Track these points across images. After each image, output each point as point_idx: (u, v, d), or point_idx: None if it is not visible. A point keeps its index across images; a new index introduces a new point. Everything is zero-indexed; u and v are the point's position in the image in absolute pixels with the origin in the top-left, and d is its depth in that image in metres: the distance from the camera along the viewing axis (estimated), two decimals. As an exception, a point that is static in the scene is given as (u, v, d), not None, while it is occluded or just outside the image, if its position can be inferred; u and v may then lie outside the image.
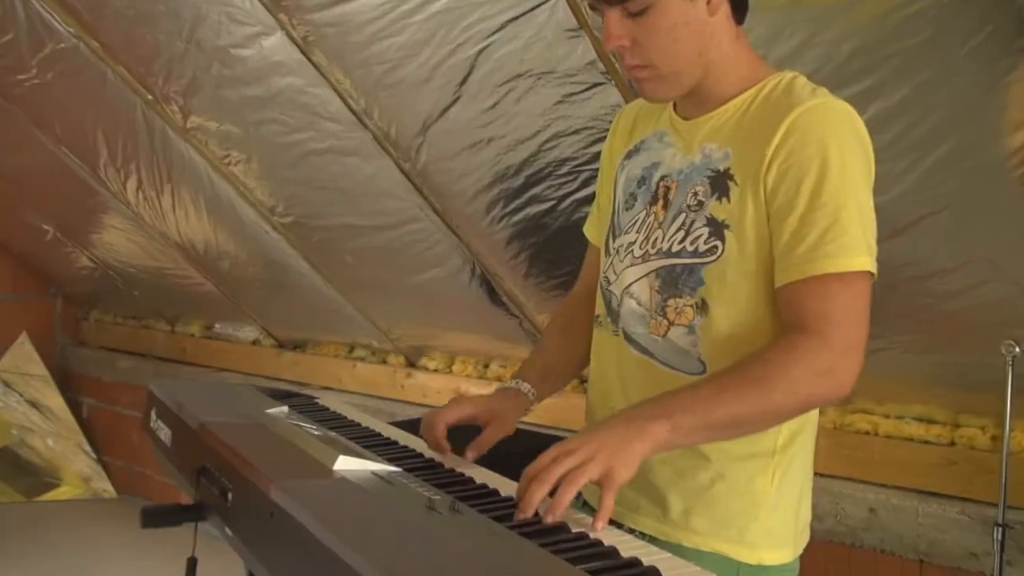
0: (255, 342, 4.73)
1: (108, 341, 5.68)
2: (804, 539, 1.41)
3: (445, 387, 3.75)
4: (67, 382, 5.64)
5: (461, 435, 1.48)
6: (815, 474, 1.45)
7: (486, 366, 3.69)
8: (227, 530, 1.31)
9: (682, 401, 1.22)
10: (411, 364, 3.97)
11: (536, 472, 1.15)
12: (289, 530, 1.06)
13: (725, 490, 1.33)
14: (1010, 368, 1.97)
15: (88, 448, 5.42)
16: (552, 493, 1.13)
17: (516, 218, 2.80)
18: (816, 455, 1.44)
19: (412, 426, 1.77)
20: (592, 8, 1.36)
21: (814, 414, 1.39)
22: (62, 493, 5.27)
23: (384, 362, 4.08)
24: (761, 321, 1.30)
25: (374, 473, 1.25)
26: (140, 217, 4.19)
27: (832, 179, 1.24)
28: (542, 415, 2.11)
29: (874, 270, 1.25)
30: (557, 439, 1.34)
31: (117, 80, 3.32)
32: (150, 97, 3.35)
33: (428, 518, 1.08)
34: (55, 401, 5.47)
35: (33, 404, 5.47)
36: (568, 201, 2.62)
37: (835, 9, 1.80)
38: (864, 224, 1.25)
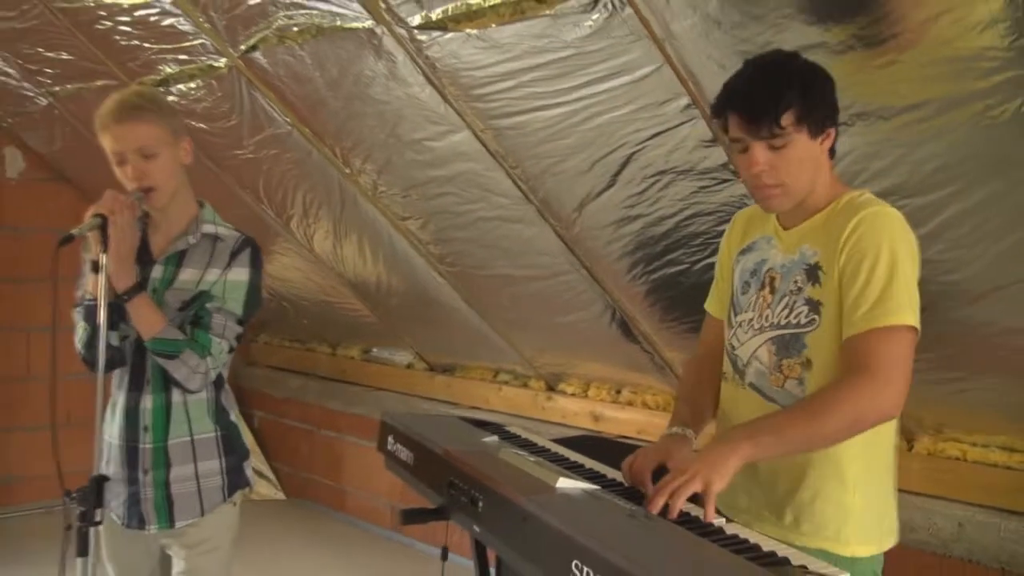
0: (409, 365, 5.04)
1: (274, 361, 6.08)
2: (890, 540, 1.84)
3: (582, 410, 4.06)
4: (238, 397, 5.94)
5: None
6: (911, 493, 1.86)
7: (618, 392, 3.97)
8: (476, 527, 1.77)
9: (763, 425, 1.70)
10: (550, 388, 4.23)
11: (660, 487, 1.63)
12: (540, 530, 1.50)
13: (822, 504, 1.81)
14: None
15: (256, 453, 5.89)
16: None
17: (655, 276, 3.13)
18: (911, 476, 1.83)
19: (572, 443, 2.22)
20: (733, 140, 1.77)
21: (887, 446, 1.83)
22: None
23: (525, 386, 4.35)
24: None
25: (583, 490, 1.72)
26: (320, 260, 4.57)
27: (884, 261, 1.68)
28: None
29: (917, 324, 1.69)
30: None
31: (321, 158, 3.74)
32: (347, 171, 3.72)
33: (632, 523, 1.57)
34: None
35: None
36: (699, 265, 2.97)
37: (923, 138, 2.17)
38: (909, 292, 1.71)
